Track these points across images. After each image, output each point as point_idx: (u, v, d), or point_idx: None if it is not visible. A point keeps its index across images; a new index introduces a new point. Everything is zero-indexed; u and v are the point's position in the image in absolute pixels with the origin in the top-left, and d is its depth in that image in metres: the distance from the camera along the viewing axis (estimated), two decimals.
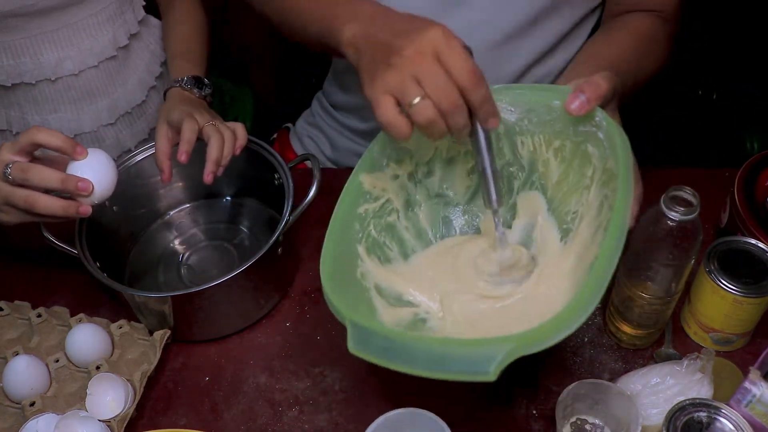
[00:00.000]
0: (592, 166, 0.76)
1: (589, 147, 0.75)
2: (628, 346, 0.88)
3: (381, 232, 0.79)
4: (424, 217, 0.83)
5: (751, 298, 0.80)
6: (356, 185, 0.76)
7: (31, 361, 0.84)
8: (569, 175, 0.79)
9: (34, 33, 0.99)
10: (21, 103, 1.06)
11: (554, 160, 0.79)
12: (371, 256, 0.77)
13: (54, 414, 0.80)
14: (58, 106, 1.07)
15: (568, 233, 0.79)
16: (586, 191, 0.77)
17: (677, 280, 0.80)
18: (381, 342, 0.62)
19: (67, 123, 1.08)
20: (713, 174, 1.05)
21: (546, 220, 0.81)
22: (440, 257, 0.82)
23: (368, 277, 0.76)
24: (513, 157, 0.80)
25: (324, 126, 1.21)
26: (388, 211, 0.80)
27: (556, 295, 0.73)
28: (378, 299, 0.76)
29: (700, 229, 0.76)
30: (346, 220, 0.74)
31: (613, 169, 0.70)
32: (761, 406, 0.71)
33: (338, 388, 0.87)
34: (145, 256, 1.02)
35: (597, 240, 0.71)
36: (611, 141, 0.71)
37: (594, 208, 0.75)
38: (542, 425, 0.82)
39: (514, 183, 0.82)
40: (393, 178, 0.79)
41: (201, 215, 1.07)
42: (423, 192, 0.82)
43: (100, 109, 1.10)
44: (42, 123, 1.07)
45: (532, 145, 0.79)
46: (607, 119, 0.72)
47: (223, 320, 0.90)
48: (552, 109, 0.75)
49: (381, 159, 0.77)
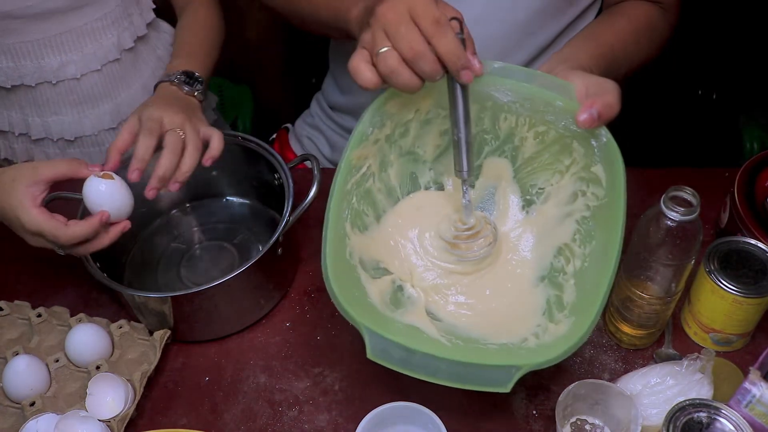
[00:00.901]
0: (572, 158, 0.78)
1: (575, 143, 0.77)
2: (628, 347, 0.88)
3: (360, 201, 0.80)
4: (394, 175, 0.84)
5: (751, 298, 0.80)
6: (347, 164, 0.77)
7: (31, 361, 0.84)
8: (543, 155, 0.80)
9: (35, 37, 0.98)
10: (22, 104, 1.05)
11: (532, 140, 0.81)
12: (354, 230, 0.79)
13: (54, 414, 0.80)
14: (59, 109, 1.06)
15: (530, 204, 0.83)
16: (559, 175, 0.80)
17: (677, 280, 0.80)
18: (401, 353, 0.67)
19: (68, 126, 1.07)
20: (713, 174, 1.05)
21: (509, 185, 0.84)
22: (406, 218, 0.84)
23: (354, 254, 0.78)
24: (491, 127, 0.81)
25: (323, 127, 1.21)
26: (366, 177, 0.81)
27: (519, 271, 0.81)
28: (363, 274, 0.77)
29: (700, 229, 0.76)
30: (339, 203, 0.76)
31: (599, 176, 0.74)
32: (761, 407, 0.71)
33: (338, 388, 0.87)
34: (145, 256, 1.02)
35: (566, 229, 0.77)
36: (608, 157, 0.74)
37: (565, 194, 0.78)
38: (542, 425, 0.82)
39: (484, 148, 0.84)
40: (374, 142, 0.80)
41: (201, 215, 1.06)
42: (396, 151, 0.83)
43: (103, 113, 1.09)
44: (43, 125, 1.06)
45: (515, 123, 0.80)
46: (609, 138, 0.73)
47: (223, 320, 0.90)
48: (550, 104, 0.76)
49: (367, 129, 0.78)
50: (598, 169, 0.75)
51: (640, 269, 0.80)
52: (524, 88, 0.77)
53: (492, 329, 0.77)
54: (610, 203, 0.73)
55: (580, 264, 0.76)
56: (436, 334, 0.75)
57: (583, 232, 0.77)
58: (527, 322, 0.77)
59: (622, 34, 0.93)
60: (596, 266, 0.72)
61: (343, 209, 0.77)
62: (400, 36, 0.68)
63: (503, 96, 0.78)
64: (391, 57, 0.69)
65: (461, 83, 0.72)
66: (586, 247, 0.76)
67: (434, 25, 0.68)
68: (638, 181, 1.06)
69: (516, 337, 0.75)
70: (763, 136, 1.43)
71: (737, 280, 0.80)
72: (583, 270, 0.75)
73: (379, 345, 0.67)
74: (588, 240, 0.76)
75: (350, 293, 0.72)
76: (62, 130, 1.07)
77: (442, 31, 0.68)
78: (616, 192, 0.71)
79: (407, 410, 0.77)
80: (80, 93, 1.05)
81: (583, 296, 0.71)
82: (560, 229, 0.78)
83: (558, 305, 0.76)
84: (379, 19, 0.70)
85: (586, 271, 0.74)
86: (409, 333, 0.74)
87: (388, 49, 0.69)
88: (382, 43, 0.69)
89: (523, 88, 0.77)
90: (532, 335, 0.75)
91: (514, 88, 0.77)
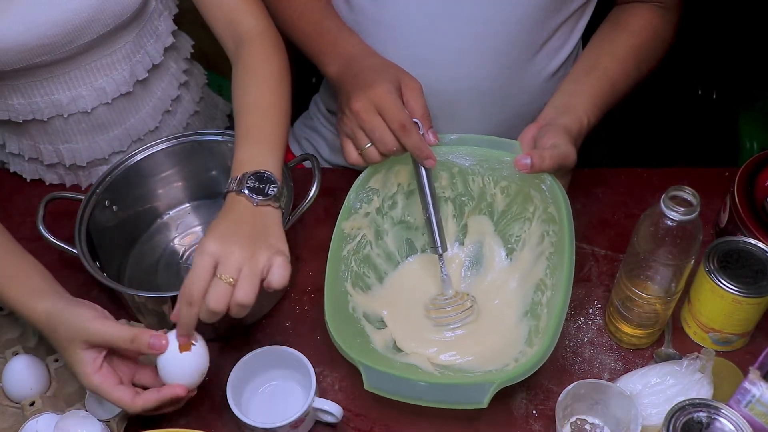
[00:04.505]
0: (534, 205, 0.91)
1: (532, 191, 0.90)
2: (628, 346, 0.88)
3: (360, 264, 0.92)
4: (391, 242, 0.96)
5: (751, 298, 0.80)
6: (339, 233, 0.88)
7: (31, 361, 0.84)
8: (513, 207, 0.94)
9: (45, 76, 0.95)
10: (32, 134, 1.02)
11: (500, 195, 0.94)
12: (356, 289, 0.90)
13: (54, 414, 0.80)
14: (70, 138, 1.03)
15: (512, 252, 0.95)
16: (528, 222, 0.92)
17: (677, 280, 0.80)
18: (392, 381, 0.77)
19: (78, 153, 1.05)
20: (713, 174, 1.05)
21: (493, 239, 0.96)
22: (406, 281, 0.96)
23: (357, 309, 0.89)
24: (465, 190, 0.95)
25: (321, 128, 1.21)
26: (363, 244, 0.92)
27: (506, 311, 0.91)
28: (368, 326, 0.88)
29: (700, 229, 0.76)
30: (335, 266, 0.87)
31: (554, 214, 0.86)
32: (761, 406, 0.71)
33: (338, 387, 0.87)
34: (145, 256, 1.02)
35: (540, 266, 0.89)
36: (555, 197, 0.86)
37: (535, 237, 0.91)
38: (542, 425, 0.82)
39: (465, 209, 0.97)
40: (365, 215, 0.92)
41: (201, 215, 1.06)
42: (389, 221, 0.95)
43: (112, 138, 1.05)
44: (54, 152, 1.04)
45: (482, 183, 0.93)
46: (552, 180, 0.86)
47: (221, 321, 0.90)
48: (501, 161, 0.90)
49: (355, 204, 0.90)
50: (552, 209, 0.87)
51: (640, 269, 0.80)
52: (477, 151, 0.91)
53: (481, 362, 0.86)
54: (560, 238, 0.84)
55: (550, 293, 0.84)
56: (431, 369, 0.84)
57: (551, 266, 0.87)
58: (512, 351, 0.85)
59: (624, 61, 0.96)
60: (556, 293, 0.81)
61: (342, 272, 0.88)
62: (376, 138, 0.85)
63: (464, 161, 0.92)
64: (374, 153, 0.87)
65: (426, 168, 0.88)
66: (554, 277, 0.85)
67: (401, 129, 0.84)
68: (638, 181, 1.06)
69: (500, 364, 0.83)
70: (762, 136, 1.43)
71: (737, 279, 0.80)
72: (552, 297, 0.83)
73: (375, 377, 0.77)
74: (555, 271, 0.85)
75: (353, 340, 0.83)
76: (74, 156, 1.04)
77: (408, 133, 0.85)
78: (564, 225, 0.83)
79: (281, 353, 0.84)
80: (90, 123, 1.02)
81: (550, 319, 0.78)
82: (536, 267, 0.90)
83: (535, 332, 0.84)
84: (357, 118, 0.86)
85: (553, 298, 0.82)
86: (406, 368, 0.83)
87: (370, 146, 0.86)
88: (364, 141, 0.86)
89: (476, 152, 0.91)
90: (513, 360, 0.83)
91: (470, 153, 0.91)
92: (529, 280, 0.90)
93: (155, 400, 0.76)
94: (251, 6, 0.94)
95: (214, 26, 0.95)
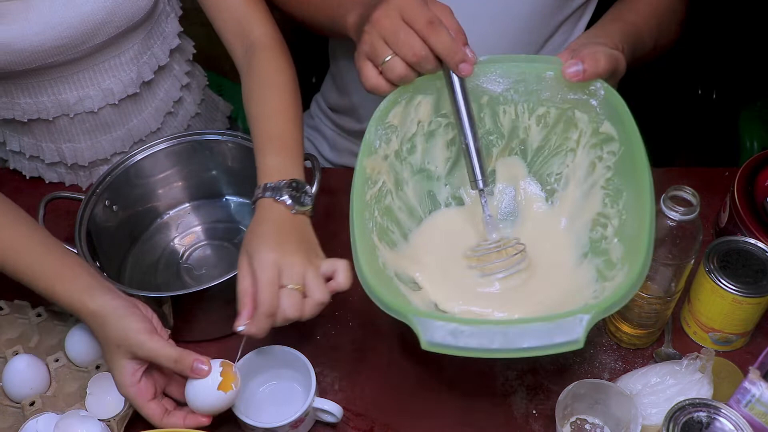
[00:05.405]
0: (579, 130, 0.79)
1: (576, 113, 0.78)
2: (628, 346, 0.88)
3: (383, 217, 0.80)
4: (412, 194, 0.85)
5: (751, 297, 0.80)
6: (361, 171, 0.77)
7: (31, 360, 0.84)
8: (550, 140, 0.82)
9: (53, 76, 0.95)
10: (35, 132, 1.03)
11: (536, 127, 0.82)
12: (382, 243, 0.78)
13: (54, 414, 0.80)
14: (74, 137, 1.04)
15: (553, 194, 0.83)
16: (571, 153, 0.81)
17: (677, 279, 0.80)
18: (457, 333, 0.62)
19: (80, 152, 1.05)
20: (713, 174, 1.05)
21: (528, 183, 0.85)
22: (432, 239, 0.84)
23: (388, 267, 0.77)
24: (494, 126, 0.82)
25: (322, 127, 1.21)
26: (384, 193, 0.81)
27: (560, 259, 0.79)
28: (402, 287, 0.77)
29: (700, 229, 0.76)
30: (360, 211, 0.75)
31: (610, 132, 0.74)
32: (761, 406, 0.71)
33: (338, 387, 0.87)
34: (145, 256, 1.02)
35: (594, 199, 0.77)
36: (613, 109, 0.73)
37: (582, 169, 0.79)
38: (542, 425, 0.82)
39: (492, 150, 0.84)
40: (384, 158, 0.81)
41: (201, 215, 1.06)
42: (408, 169, 0.84)
43: (115, 139, 1.06)
44: (56, 151, 1.04)
45: (515, 113, 0.81)
46: (607, 88, 0.74)
47: (223, 320, 0.90)
48: (542, 79, 0.77)
49: (374, 141, 0.79)
50: (606, 126, 0.76)
51: None
52: (514, 69, 0.78)
53: (547, 312, 0.75)
54: (627, 149, 0.72)
55: (617, 221, 0.75)
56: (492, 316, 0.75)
57: (612, 192, 0.77)
58: (583, 295, 0.75)
59: (645, 16, 0.91)
60: (634, 210, 0.71)
61: (367, 220, 0.76)
62: (400, 43, 0.72)
63: (496, 86, 0.79)
64: (398, 65, 0.73)
65: (460, 77, 0.74)
66: (619, 203, 0.76)
67: (428, 27, 0.71)
68: None
69: (575, 306, 0.71)
70: (763, 136, 1.43)
71: (737, 279, 0.80)
72: (623, 223, 0.74)
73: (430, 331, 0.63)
74: (618, 196, 0.76)
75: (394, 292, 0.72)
76: (75, 156, 1.05)
77: (437, 31, 0.72)
78: (630, 135, 0.71)
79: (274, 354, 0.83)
80: (94, 122, 1.03)
81: (629, 241, 0.69)
82: (588, 202, 0.79)
83: (608, 266, 0.74)
84: (376, 27, 0.73)
85: (625, 222, 0.73)
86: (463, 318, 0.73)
87: (392, 57, 0.73)
88: (385, 52, 0.73)
89: (512, 69, 0.78)
90: (591, 299, 0.73)
91: (504, 73, 0.78)
92: (582, 219, 0.79)
93: (182, 426, 0.77)
94: (260, 14, 0.94)
95: (223, 31, 0.94)
